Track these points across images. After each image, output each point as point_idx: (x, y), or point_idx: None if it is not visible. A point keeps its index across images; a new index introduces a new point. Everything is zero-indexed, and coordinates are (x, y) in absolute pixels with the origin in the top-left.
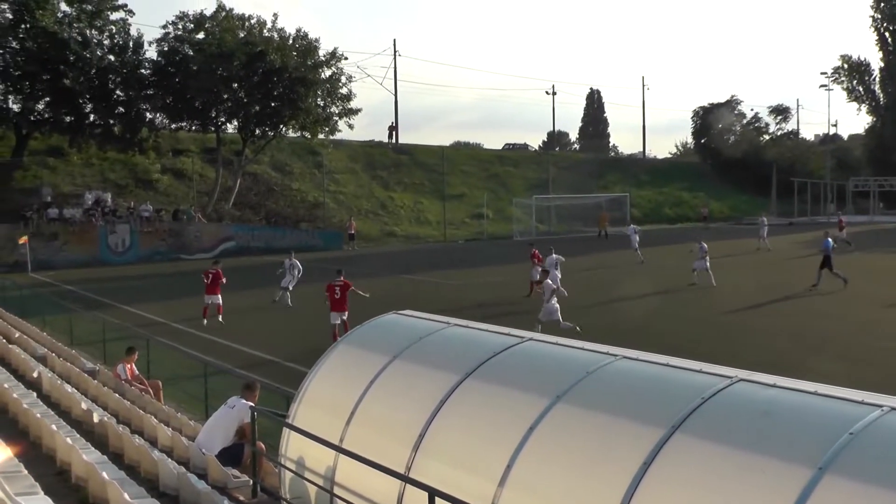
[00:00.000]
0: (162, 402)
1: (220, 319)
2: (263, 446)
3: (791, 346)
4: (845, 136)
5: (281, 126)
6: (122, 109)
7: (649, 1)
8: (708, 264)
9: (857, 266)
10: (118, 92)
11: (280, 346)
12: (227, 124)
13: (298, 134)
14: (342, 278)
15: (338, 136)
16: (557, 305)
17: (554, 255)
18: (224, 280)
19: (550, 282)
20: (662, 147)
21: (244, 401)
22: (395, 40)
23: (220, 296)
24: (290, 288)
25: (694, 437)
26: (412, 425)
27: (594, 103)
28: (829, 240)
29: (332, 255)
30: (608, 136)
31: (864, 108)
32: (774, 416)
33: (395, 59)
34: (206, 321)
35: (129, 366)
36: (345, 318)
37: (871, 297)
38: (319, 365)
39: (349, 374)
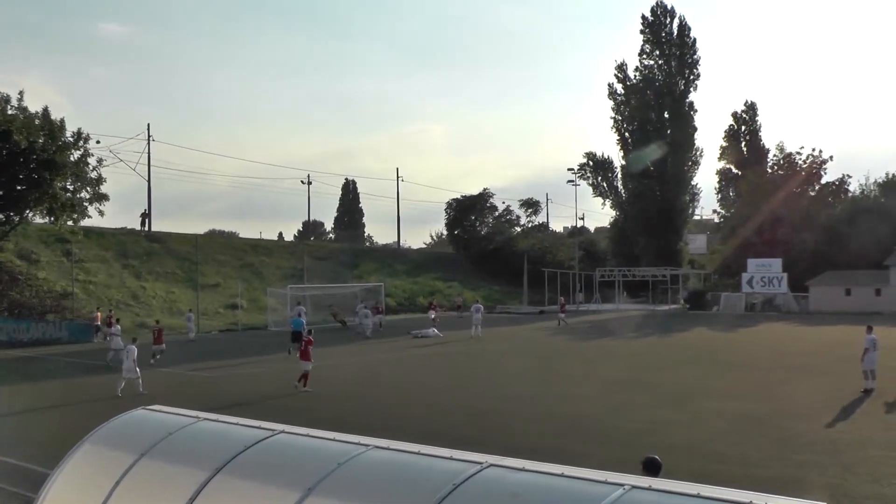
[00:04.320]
0: None
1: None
2: None
3: (544, 429)
4: (592, 229)
5: (27, 211)
6: None
7: (403, 94)
8: None
9: (605, 349)
10: None
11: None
12: None
13: (46, 220)
14: (310, 337)
15: (88, 222)
16: None
17: None
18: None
19: None
20: (417, 238)
21: None
22: (148, 125)
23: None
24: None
25: None
26: None
27: (349, 193)
28: (301, 319)
29: (82, 349)
30: (363, 226)
31: (608, 202)
32: (523, 498)
33: (148, 143)
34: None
35: None
36: (310, 367)
37: (621, 382)
38: (62, 467)
39: (93, 476)
